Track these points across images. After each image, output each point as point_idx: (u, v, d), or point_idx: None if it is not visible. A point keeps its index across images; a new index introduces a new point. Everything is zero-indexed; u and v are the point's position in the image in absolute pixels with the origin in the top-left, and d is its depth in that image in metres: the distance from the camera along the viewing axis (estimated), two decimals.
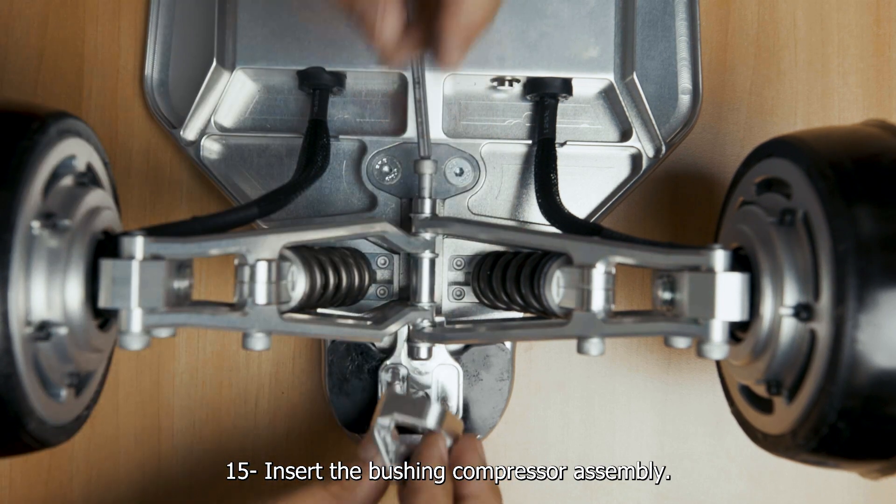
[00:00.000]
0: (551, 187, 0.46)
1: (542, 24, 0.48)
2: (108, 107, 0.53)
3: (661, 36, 0.51)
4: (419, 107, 0.45)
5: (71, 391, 0.36)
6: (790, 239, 0.34)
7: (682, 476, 0.52)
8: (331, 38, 0.48)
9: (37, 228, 0.32)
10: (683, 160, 0.53)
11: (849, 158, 0.32)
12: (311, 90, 0.48)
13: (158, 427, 0.52)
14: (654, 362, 0.52)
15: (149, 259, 0.35)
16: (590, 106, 0.50)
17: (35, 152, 0.32)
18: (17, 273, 0.31)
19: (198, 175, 0.52)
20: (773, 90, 0.53)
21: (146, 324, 0.35)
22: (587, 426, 0.52)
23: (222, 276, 0.52)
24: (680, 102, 0.51)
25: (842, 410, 0.31)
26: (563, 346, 0.52)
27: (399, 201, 0.49)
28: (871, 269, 0.30)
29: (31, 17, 0.53)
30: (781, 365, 0.34)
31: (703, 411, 0.52)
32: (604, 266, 0.38)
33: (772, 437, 0.36)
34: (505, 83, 0.49)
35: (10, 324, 0.30)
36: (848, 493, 0.52)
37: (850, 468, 0.35)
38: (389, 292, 0.49)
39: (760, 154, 0.38)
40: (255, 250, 0.37)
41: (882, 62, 0.53)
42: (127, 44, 0.53)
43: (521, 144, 0.50)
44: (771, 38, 0.53)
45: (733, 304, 0.35)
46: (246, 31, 0.48)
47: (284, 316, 0.38)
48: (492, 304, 0.47)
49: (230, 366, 0.52)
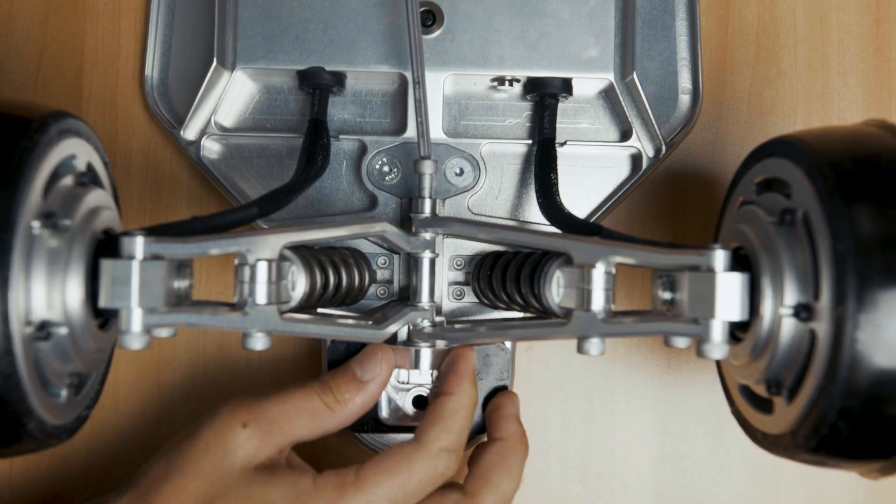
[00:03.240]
0: (551, 187, 0.46)
1: (542, 23, 0.48)
2: (108, 107, 0.53)
3: (661, 36, 0.51)
4: (419, 107, 0.45)
5: (71, 391, 0.36)
6: (790, 239, 0.34)
7: (682, 476, 0.52)
8: (331, 38, 0.48)
9: (37, 228, 0.32)
10: (683, 160, 0.53)
11: (849, 158, 0.32)
12: (312, 90, 0.48)
13: (158, 427, 0.52)
14: (654, 362, 0.52)
15: (149, 259, 0.35)
16: (590, 106, 0.50)
17: (35, 152, 0.32)
18: (17, 273, 0.31)
19: (198, 175, 0.52)
20: (773, 90, 0.53)
21: (146, 324, 0.35)
22: (587, 426, 0.52)
23: (222, 276, 0.52)
24: (680, 102, 0.51)
25: (842, 410, 0.31)
26: (563, 346, 0.52)
27: (399, 201, 0.49)
28: (871, 269, 0.30)
29: (31, 17, 0.53)
30: (781, 365, 0.34)
31: (703, 411, 0.52)
32: (604, 266, 0.38)
33: (772, 436, 0.36)
34: (505, 83, 0.49)
35: (10, 324, 0.30)
36: (848, 493, 0.52)
37: (849, 468, 0.35)
38: (389, 292, 0.49)
39: (760, 154, 0.38)
40: (255, 250, 0.37)
41: (882, 62, 0.53)
42: (127, 44, 0.53)
43: (521, 144, 0.50)
44: (771, 38, 0.53)
45: (733, 304, 0.35)
46: (246, 31, 0.48)
47: (284, 316, 0.38)
48: (492, 304, 0.47)
49: (230, 366, 0.52)
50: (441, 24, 0.48)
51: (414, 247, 0.45)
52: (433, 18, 0.49)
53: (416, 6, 0.45)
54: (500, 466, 0.43)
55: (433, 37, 0.48)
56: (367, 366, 0.43)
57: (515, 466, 0.43)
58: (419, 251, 0.45)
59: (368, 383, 0.43)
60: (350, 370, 0.43)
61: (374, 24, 0.48)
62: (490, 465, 0.43)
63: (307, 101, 0.49)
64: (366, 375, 0.43)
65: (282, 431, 0.41)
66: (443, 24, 0.48)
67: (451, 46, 0.48)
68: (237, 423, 0.40)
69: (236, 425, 0.40)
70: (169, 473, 0.40)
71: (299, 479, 0.40)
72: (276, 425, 0.41)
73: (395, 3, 0.48)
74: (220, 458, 0.40)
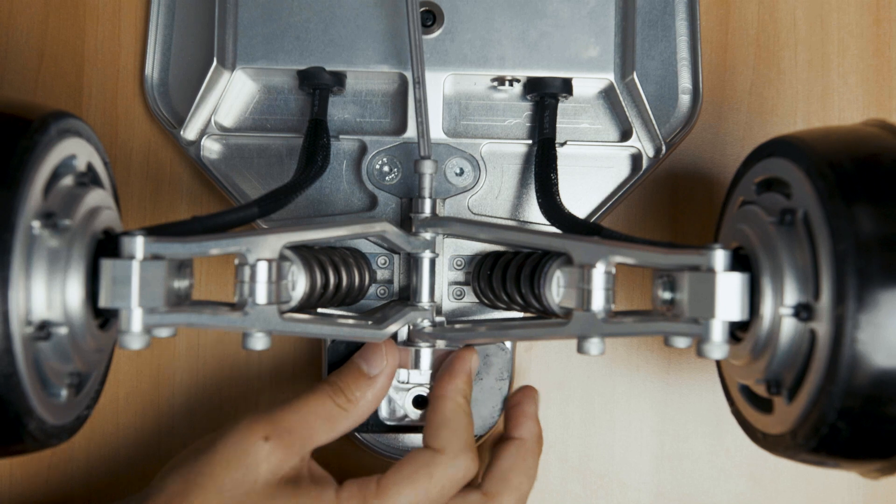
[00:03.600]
0: (551, 187, 0.46)
1: (542, 23, 0.48)
2: (108, 107, 0.53)
3: (661, 36, 0.51)
4: (419, 107, 0.45)
5: (71, 391, 0.36)
6: (790, 239, 0.34)
7: (681, 476, 0.52)
8: (331, 38, 0.48)
9: (37, 228, 0.32)
10: (683, 160, 0.53)
11: (849, 158, 0.32)
12: (312, 90, 0.48)
13: (158, 427, 0.52)
14: (654, 362, 0.52)
15: (149, 259, 0.35)
16: (590, 106, 0.50)
17: (35, 152, 0.32)
18: (17, 273, 0.31)
19: (198, 175, 0.52)
20: (773, 90, 0.53)
21: (146, 323, 0.35)
22: (587, 426, 0.52)
23: (222, 276, 0.52)
24: (680, 102, 0.51)
25: (842, 410, 0.31)
26: (563, 346, 0.52)
27: (399, 201, 0.49)
28: (871, 269, 0.30)
29: (31, 17, 0.53)
30: (781, 365, 0.34)
31: (703, 411, 0.52)
32: (604, 266, 0.38)
33: (772, 436, 0.36)
34: (505, 83, 0.49)
35: (10, 323, 0.30)
36: (848, 493, 0.52)
37: (849, 468, 0.35)
38: (389, 292, 0.49)
39: (760, 154, 0.38)
40: (255, 250, 0.37)
41: (882, 62, 0.53)
42: (127, 44, 0.53)
43: (522, 144, 0.50)
44: (771, 38, 0.53)
45: (733, 304, 0.35)
46: (246, 31, 0.48)
47: (284, 316, 0.38)
48: (492, 303, 0.47)
49: (230, 365, 0.52)
50: (441, 24, 0.48)
51: (414, 247, 0.45)
52: (433, 18, 0.49)
53: (416, 6, 0.45)
54: (518, 467, 0.43)
55: (433, 37, 0.48)
56: (372, 361, 0.43)
57: (533, 466, 0.44)
58: (419, 251, 0.45)
59: (377, 378, 0.43)
60: (356, 367, 0.43)
61: (374, 24, 0.48)
62: (510, 465, 0.43)
63: (307, 101, 0.49)
64: (373, 370, 0.43)
65: (302, 440, 0.41)
66: (443, 24, 0.48)
67: (451, 46, 0.48)
68: (258, 436, 0.40)
69: (258, 439, 0.40)
70: (187, 491, 0.39)
71: (322, 493, 0.40)
72: (296, 434, 0.40)
73: (395, 3, 0.48)
74: (243, 473, 0.39)
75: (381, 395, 0.43)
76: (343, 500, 0.40)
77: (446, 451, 0.41)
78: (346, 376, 0.43)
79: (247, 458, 0.39)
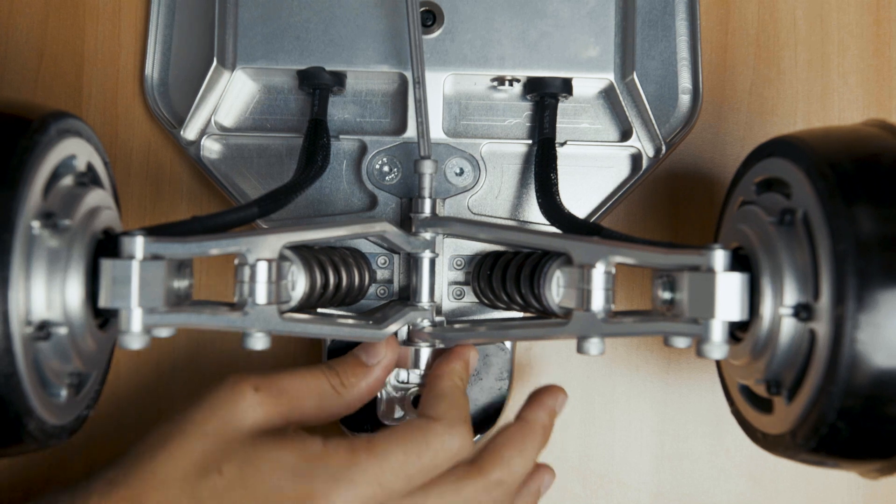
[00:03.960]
0: (551, 187, 0.46)
1: (542, 23, 0.48)
2: (108, 107, 0.53)
3: (661, 36, 0.51)
4: (419, 106, 0.45)
5: (71, 391, 0.36)
6: (790, 239, 0.34)
7: (681, 476, 0.52)
8: (331, 38, 0.48)
9: (37, 228, 0.32)
10: (683, 160, 0.53)
11: (849, 158, 0.32)
12: (312, 90, 0.48)
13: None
14: (654, 362, 0.52)
15: (149, 259, 0.35)
16: (590, 106, 0.50)
17: (35, 152, 0.32)
18: (17, 273, 0.31)
19: (198, 175, 0.52)
20: (773, 90, 0.53)
21: (146, 323, 0.35)
22: (587, 426, 0.52)
23: (222, 276, 0.52)
24: (680, 102, 0.51)
25: (841, 410, 0.31)
26: (563, 346, 0.52)
27: (399, 201, 0.49)
28: (871, 269, 0.30)
29: (31, 17, 0.53)
30: (781, 365, 0.34)
31: (703, 411, 0.52)
32: (604, 266, 0.38)
33: (772, 436, 0.36)
34: (505, 83, 0.49)
35: (10, 323, 0.30)
36: (848, 493, 0.52)
37: (849, 468, 0.35)
38: (389, 292, 0.49)
39: (760, 154, 0.38)
40: (255, 250, 0.37)
41: (882, 62, 0.53)
42: (127, 44, 0.53)
43: (522, 144, 0.50)
44: (771, 38, 0.53)
45: (733, 304, 0.35)
46: (246, 30, 0.48)
47: (284, 316, 0.38)
48: (492, 303, 0.47)
49: (230, 365, 0.52)
50: (441, 24, 0.48)
51: (414, 247, 0.45)
52: (433, 18, 0.49)
53: (416, 6, 0.45)
54: (514, 444, 0.41)
55: (433, 37, 0.48)
56: (372, 351, 0.43)
57: (530, 448, 0.42)
58: (419, 251, 0.45)
59: (374, 368, 0.43)
60: (356, 356, 0.43)
61: (374, 24, 0.48)
62: (505, 441, 0.42)
63: (307, 101, 0.49)
64: (371, 360, 0.43)
65: (290, 403, 0.39)
66: (443, 24, 0.48)
67: (451, 46, 0.48)
68: (248, 386, 0.39)
69: (247, 388, 0.39)
70: (169, 436, 0.38)
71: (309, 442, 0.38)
72: (286, 395, 0.39)
73: (395, 3, 0.48)
74: (228, 418, 0.38)
75: (375, 386, 0.43)
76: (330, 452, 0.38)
77: (443, 420, 0.40)
78: (344, 362, 0.43)
79: (233, 405, 0.38)
